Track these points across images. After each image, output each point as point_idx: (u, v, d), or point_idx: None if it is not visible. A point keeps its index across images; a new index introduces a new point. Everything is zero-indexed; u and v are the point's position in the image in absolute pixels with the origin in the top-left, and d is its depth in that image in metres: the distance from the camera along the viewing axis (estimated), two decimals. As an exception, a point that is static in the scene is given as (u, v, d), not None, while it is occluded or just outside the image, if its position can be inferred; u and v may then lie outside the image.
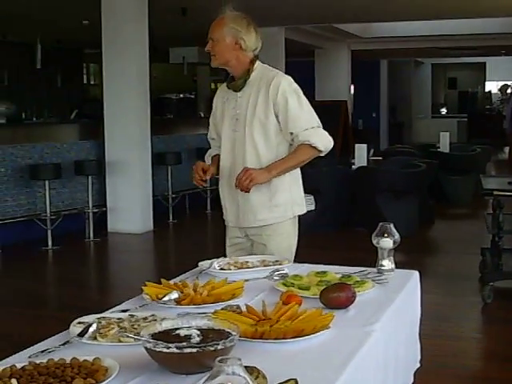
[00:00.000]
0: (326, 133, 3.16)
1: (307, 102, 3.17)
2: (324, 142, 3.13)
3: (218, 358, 1.30)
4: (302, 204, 3.32)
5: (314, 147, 3.10)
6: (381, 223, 2.77)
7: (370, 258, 2.91)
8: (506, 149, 17.56)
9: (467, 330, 5.20)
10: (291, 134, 3.12)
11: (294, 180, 3.26)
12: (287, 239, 3.27)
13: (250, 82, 3.18)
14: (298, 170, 3.30)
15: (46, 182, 8.06)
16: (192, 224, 10.09)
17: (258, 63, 3.21)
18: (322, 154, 3.19)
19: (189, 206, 10.51)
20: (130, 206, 8.75)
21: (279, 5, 10.79)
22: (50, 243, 7.96)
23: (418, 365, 2.75)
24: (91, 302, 5.95)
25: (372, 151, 9.85)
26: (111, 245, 8.61)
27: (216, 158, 3.35)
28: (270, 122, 3.13)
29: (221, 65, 3.21)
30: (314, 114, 3.17)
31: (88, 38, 12.08)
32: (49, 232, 8.01)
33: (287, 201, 3.23)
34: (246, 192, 3.08)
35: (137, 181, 8.79)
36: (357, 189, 8.63)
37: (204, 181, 3.23)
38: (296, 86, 3.16)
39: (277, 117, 3.13)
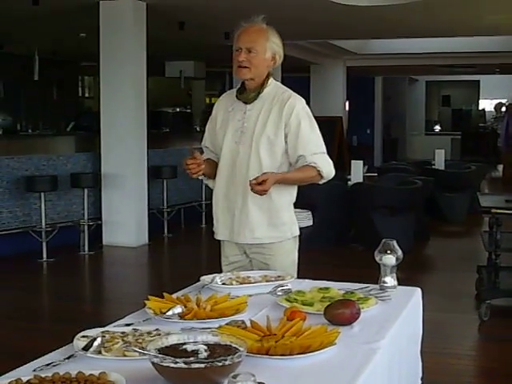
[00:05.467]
0: (331, 161, 3.13)
1: (317, 126, 3.14)
2: (328, 169, 3.09)
3: (232, 374, 1.30)
4: (297, 223, 3.27)
5: (318, 171, 3.06)
6: (384, 240, 2.73)
7: (367, 274, 2.91)
8: (500, 167, 17.66)
9: (463, 348, 5.19)
10: (299, 156, 3.06)
11: (292, 200, 3.23)
12: (290, 256, 3.23)
13: (263, 97, 3.13)
14: (295, 192, 3.25)
15: (42, 194, 8.04)
16: (187, 238, 10.07)
17: (271, 79, 3.18)
18: (321, 182, 3.13)
19: (184, 219, 10.49)
20: (126, 220, 8.73)
21: (276, 20, 10.83)
22: (44, 255, 7.93)
23: (420, 382, 2.75)
24: (86, 315, 5.94)
25: (366, 167, 9.85)
26: (106, 258, 8.58)
27: (207, 162, 3.15)
28: (278, 141, 3.08)
29: (253, 77, 3.11)
30: (322, 139, 3.14)
31: (84, 50, 12.14)
32: (44, 244, 7.98)
33: (289, 220, 3.19)
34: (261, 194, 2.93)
35: (132, 194, 8.77)
36: (352, 205, 8.62)
37: (198, 164, 2.98)
38: (308, 109, 3.15)
39: (285, 137, 3.08)
